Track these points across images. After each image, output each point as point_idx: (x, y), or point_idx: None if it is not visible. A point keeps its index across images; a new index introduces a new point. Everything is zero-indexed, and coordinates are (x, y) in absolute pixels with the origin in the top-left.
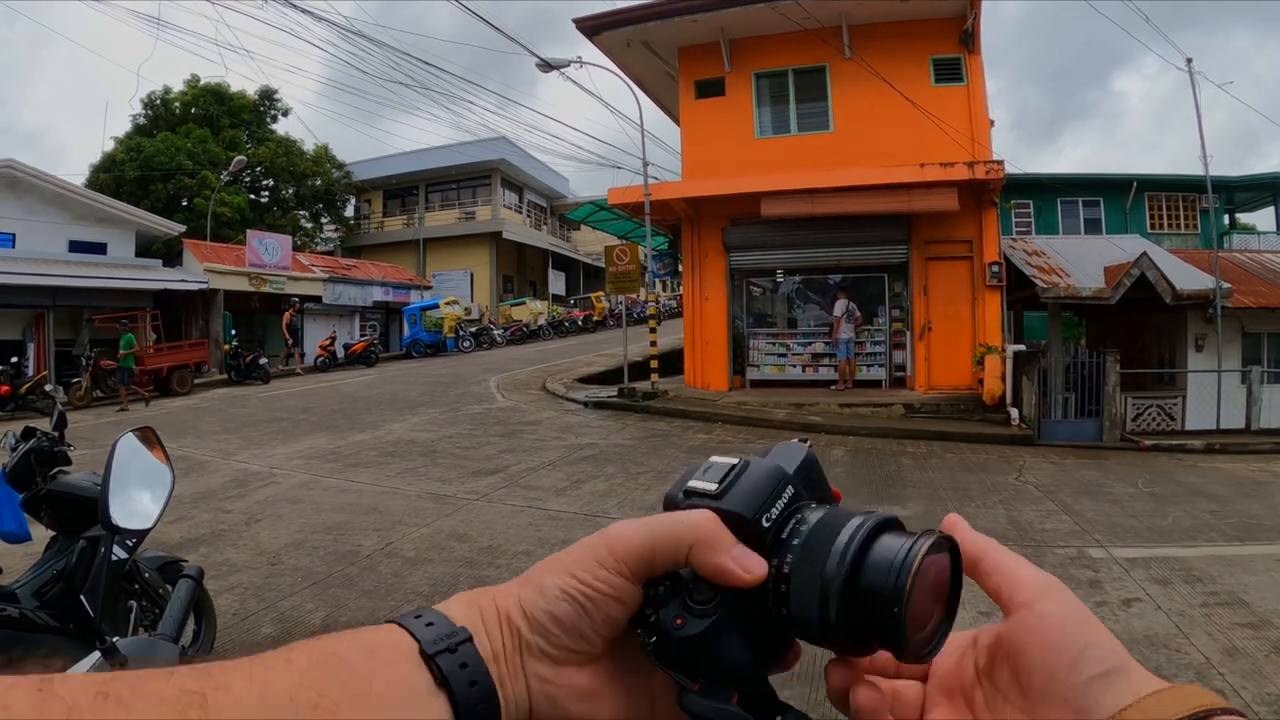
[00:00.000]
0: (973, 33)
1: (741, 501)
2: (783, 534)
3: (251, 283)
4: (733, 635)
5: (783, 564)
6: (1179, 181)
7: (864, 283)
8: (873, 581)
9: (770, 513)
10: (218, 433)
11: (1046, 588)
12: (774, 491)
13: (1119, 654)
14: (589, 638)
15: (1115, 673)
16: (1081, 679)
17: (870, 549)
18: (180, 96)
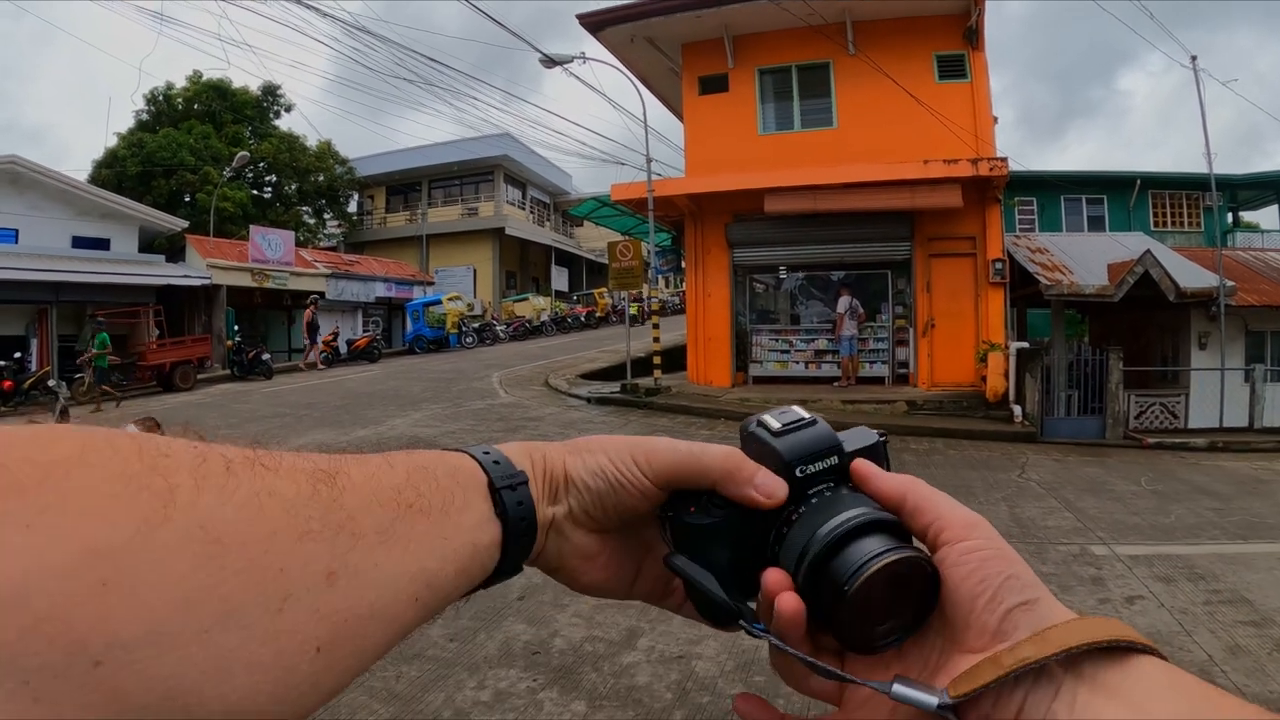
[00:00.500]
0: (977, 29)
1: (788, 447)
2: (809, 490)
3: (254, 278)
4: (730, 541)
5: (794, 513)
6: (1182, 179)
7: (867, 279)
8: (834, 570)
9: (808, 468)
10: (220, 428)
11: (972, 524)
12: (820, 454)
13: (1038, 588)
14: (608, 514)
15: (1034, 603)
16: (1001, 608)
17: (852, 540)
18: (183, 92)
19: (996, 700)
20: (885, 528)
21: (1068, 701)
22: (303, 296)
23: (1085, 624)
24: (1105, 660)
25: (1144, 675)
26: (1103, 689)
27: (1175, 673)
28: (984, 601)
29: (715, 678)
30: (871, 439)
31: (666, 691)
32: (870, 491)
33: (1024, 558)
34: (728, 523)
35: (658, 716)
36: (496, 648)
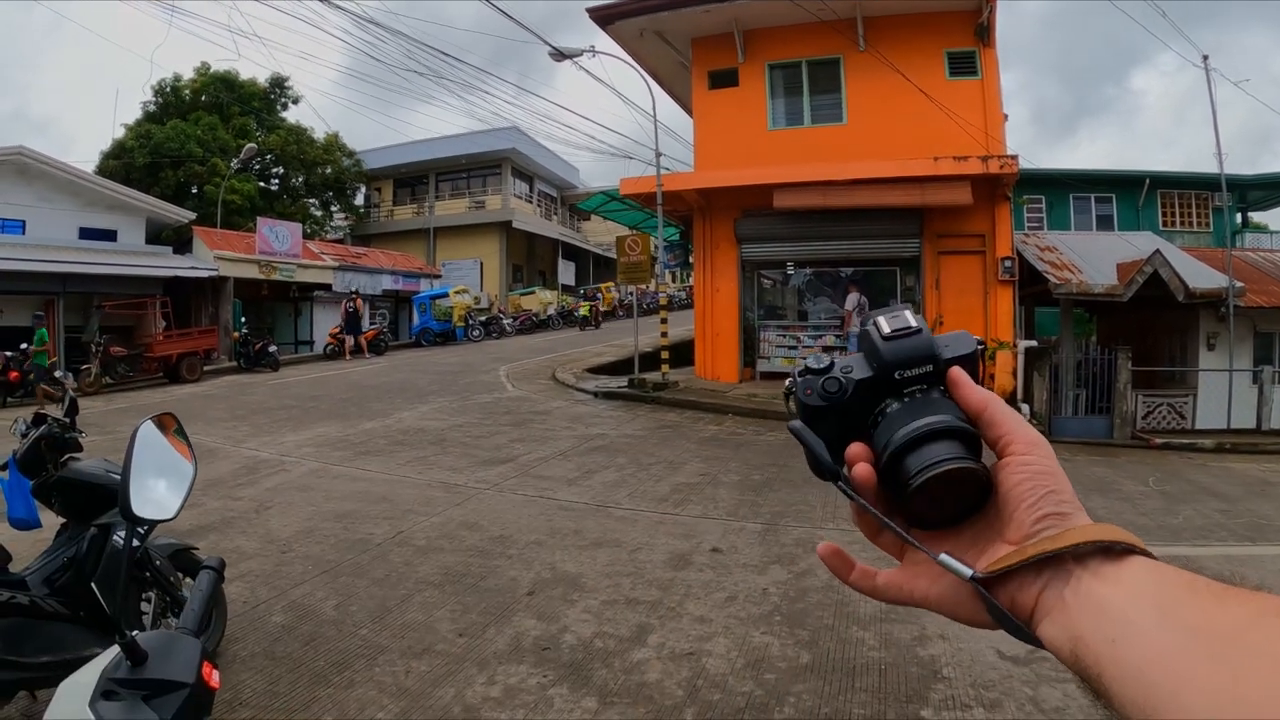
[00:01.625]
0: (988, 26)
1: (891, 352)
2: (904, 389)
3: (261, 270)
4: (836, 419)
5: (889, 406)
6: (1192, 179)
7: (875, 276)
8: (907, 464)
9: (905, 372)
10: (227, 420)
11: (1034, 443)
12: (917, 361)
13: (1074, 504)
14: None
15: (1066, 515)
16: (1039, 514)
17: (926, 442)
18: (190, 84)
19: (1021, 584)
20: (957, 435)
21: (1074, 587)
22: (309, 289)
23: (1093, 528)
24: (1106, 557)
25: (1134, 567)
26: (1100, 576)
27: (1155, 564)
28: (1026, 505)
29: (726, 675)
30: (969, 347)
31: (677, 689)
32: (956, 398)
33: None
34: (834, 407)
35: (668, 714)
36: (506, 643)
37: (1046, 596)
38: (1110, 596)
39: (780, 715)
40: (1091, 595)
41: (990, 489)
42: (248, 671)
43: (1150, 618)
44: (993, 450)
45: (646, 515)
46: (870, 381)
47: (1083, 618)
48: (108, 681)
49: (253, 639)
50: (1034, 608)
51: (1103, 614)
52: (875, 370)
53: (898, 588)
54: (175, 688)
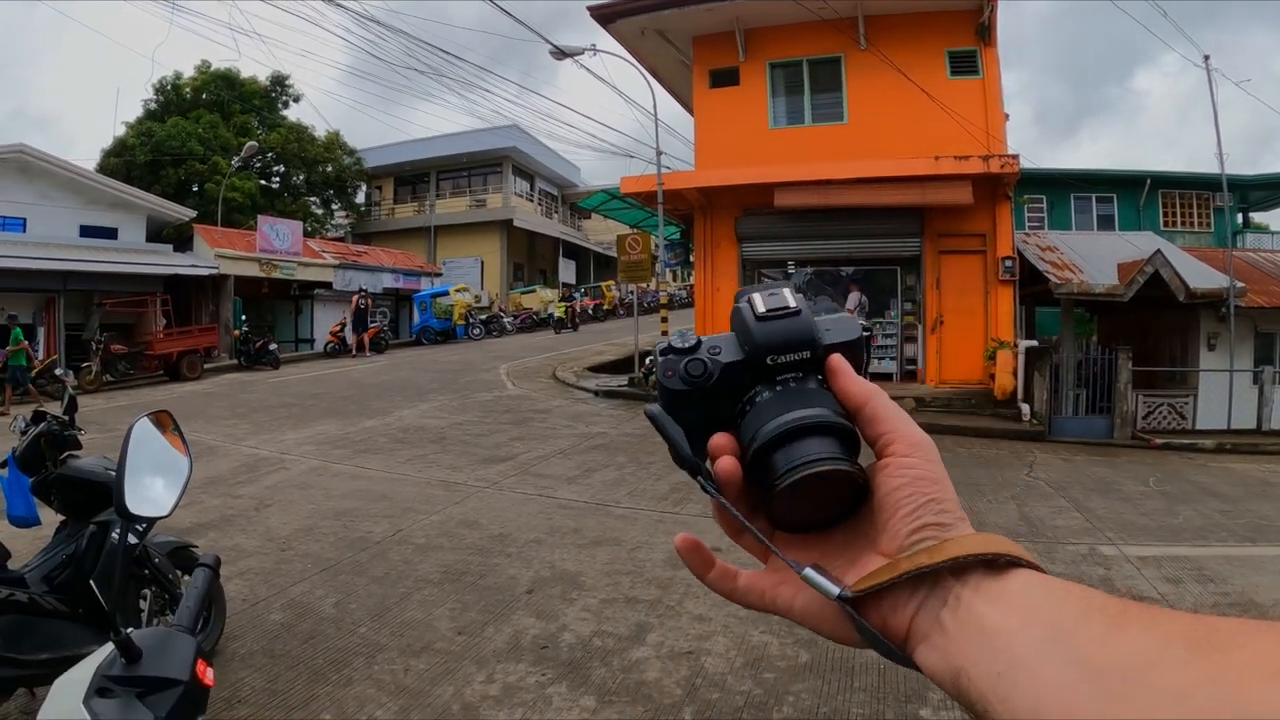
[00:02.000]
0: (989, 25)
1: (764, 335)
2: (777, 376)
3: (262, 268)
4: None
5: (758, 395)
6: (1193, 179)
7: (876, 275)
8: (774, 462)
9: (779, 357)
10: (227, 418)
11: (918, 445)
12: (794, 346)
13: (955, 515)
14: None
15: (946, 526)
16: (917, 523)
17: (796, 439)
18: (191, 82)
19: (894, 604)
20: (832, 431)
21: (953, 607)
22: (310, 287)
23: (975, 539)
24: (989, 572)
25: (1019, 583)
26: (982, 594)
27: (1044, 580)
28: (903, 513)
29: (725, 674)
30: (854, 333)
31: (676, 687)
32: (835, 389)
33: (1033, 557)
34: (698, 391)
35: (667, 712)
36: (505, 642)
37: (923, 618)
38: (996, 621)
39: (779, 715)
40: (974, 619)
41: (866, 493)
42: (247, 669)
43: (1041, 648)
44: (871, 449)
45: (646, 514)
46: (739, 366)
47: (965, 646)
48: (102, 679)
49: (252, 637)
50: (909, 630)
51: (987, 642)
52: (746, 353)
53: (759, 593)
54: (169, 685)
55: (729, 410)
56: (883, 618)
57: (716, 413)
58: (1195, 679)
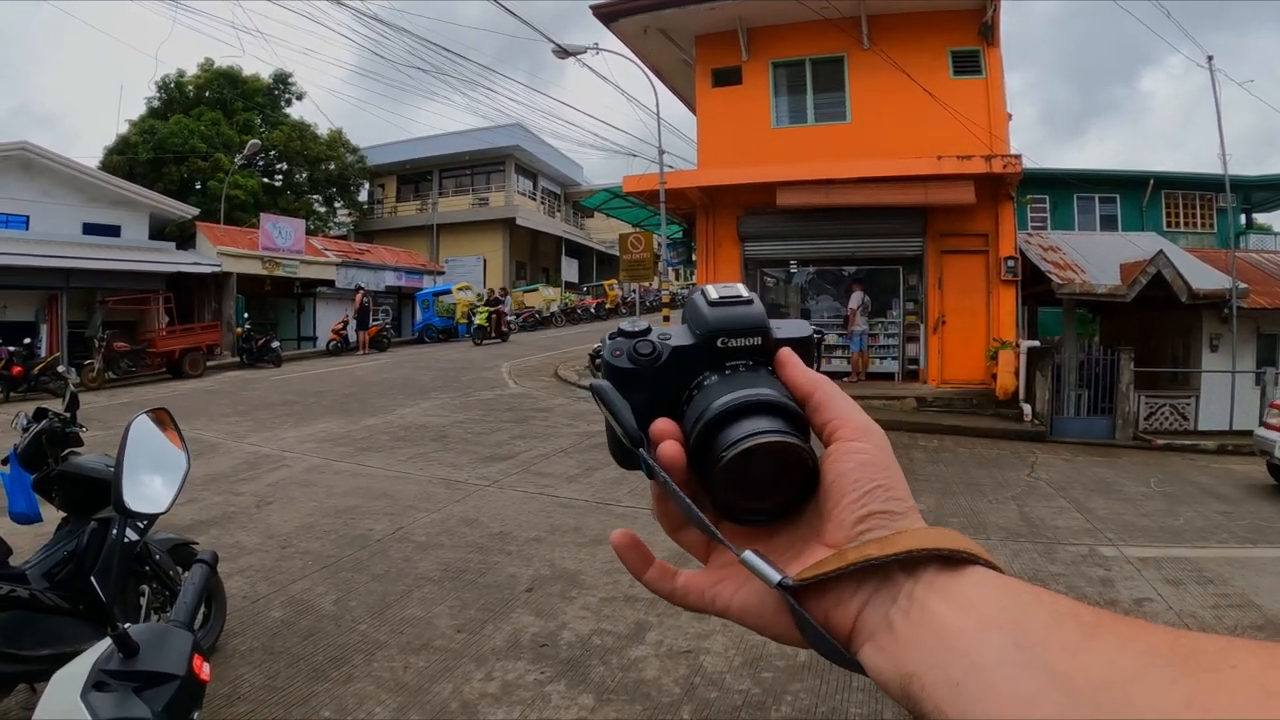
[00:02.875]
0: (992, 25)
1: (717, 318)
2: (726, 362)
3: (265, 266)
4: (647, 388)
5: (706, 379)
6: (1196, 180)
7: (879, 275)
8: (720, 438)
9: (730, 342)
10: (229, 415)
11: (865, 430)
12: (744, 331)
13: (905, 503)
14: None
15: (896, 515)
16: (863, 510)
17: (744, 415)
18: (194, 80)
19: (839, 597)
20: (781, 412)
21: (904, 606)
22: (312, 285)
23: (930, 533)
24: (944, 568)
25: (976, 581)
26: (937, 591)
27: (1005, 579)
28: (849, 500)
29: (723, 673)
30: (805, 331)
31: (674, 686)
32: (784, 378)
33: (1032, 558)
34: (645, 374)
35: (665, 711)
36: (504, 640)
37: (869, 615)
38: (952, 622)
39: (777, 714)
40: (928, 618)
41: (815, 478)
42: (247, 666)
43: (1004, 654)
44: (819, 437)
45: (647, 513)
46: (689, 350)
47: (917, 649)
48: (99, 673)
49: (252, 633)
50: (853, 627)
51: (943, 645)
52: (697, 337)
53: (699, 592)
54: (166, 680)
55: (674, 397)
56: (825, 612)
57: (661, 400)
58: (1180, 700)
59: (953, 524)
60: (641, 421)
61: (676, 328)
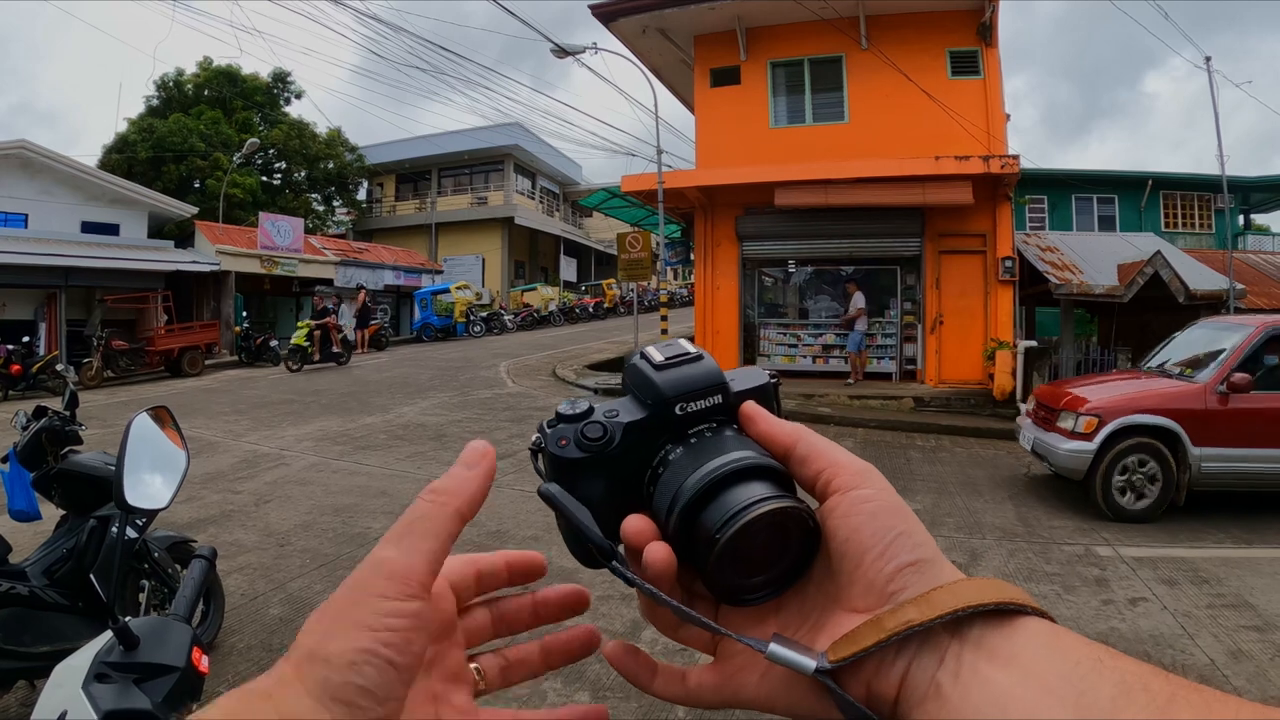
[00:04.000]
0: (991, 26)
1: (669, 382)
2: (689, 429)
3: (263, 265)
4: (603, 477)
5: (670, 453)
6: (1194, 180)
7: (876, 275)
8: (707, 517)
9: (689, 406)
10: (228, 414)
11: (864, 474)
12: (702, 391)
13: (930, 547)
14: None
15: (926, 563)
16: (890, 566)
17: (728, 486)
18: (193, 78)
19: (879, 666)
20: (766, 474)
21: (952, 669)
22: (311, 284)
23: (971, 585)
24: (991, 623)
25: (1029, 637)
26: (987, 652)
27: (1061, 634)
28: (872, 558)
29: None
30: (761, 379)
31: None
32: (756, 435)
33: (1028, 558)
34: (598, 459)
35: (660, 709)
36: None
37: (914, 682)
38: (1008, 690)
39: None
40: (980, 684)
41: (818, 539)
42: (245, 663)
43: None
44: (810, 494)
45: None
46: (643, 424)
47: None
48: (100, 665)
49: (250, 631)
50: (898, 696)
51: (1000, 716)
52: (648, 409)
53: (715, 689)
54: (166, 671)
55: (636, 482)
56: (865, 686)
57: (621, 487)
58: None
59: (949, 523)
60: (604, 517)
61: (620, 402)
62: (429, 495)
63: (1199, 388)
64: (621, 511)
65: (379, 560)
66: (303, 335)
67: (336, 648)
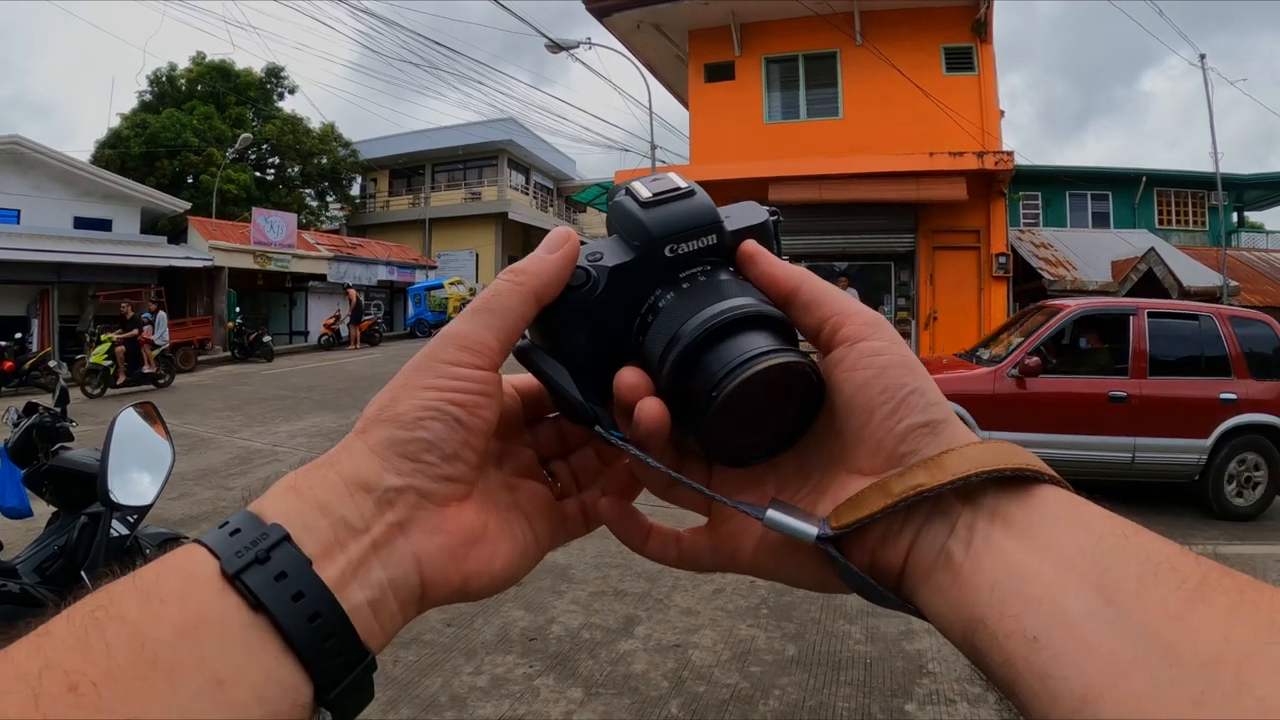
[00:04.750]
0: (985, 22)
1: (657, 221)
2: (680, 273)
3: (256, 260)
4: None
5: (660, 299)
6: (1188, 178)
7: (870, 271)
8: (702, 370)
9: (680, 247)
10: (221, 410)
11: (874, 325)
12: (696, 230)
13: (944, 407)
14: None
15: (939, 424)
16: (901, 425)
17: (727, 336)
18: (186, 74)
19: (885, 534)
20: (766, 324)
21: (964, 537)
22: (304, 279)
23: (986, 449)
24: (1007, 490)
25: (1047, 506)
26: (1001, 521)
27: (1080, 504)
28: (881, 416)
29: (711, 667)
30: (760, 216)
31: (663, 680)
32: (755, 277)
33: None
34: (582, 310)
35: (654, 705)
36: (494, 633)
37: (922, 550)
38: (1025, 564)
39: (765, 708)
40: (994, 556)
41: (822, 395)
42: None
43: (1092, 609)
44: (813, 343)
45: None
46: (631, 267)
47: (984, 593)
48: None
49: None
50: (904, 565)
51: (1016, 592)
52: (637, 250)
53: (710, 553)
54: None
55: (624, 330)
56: (870, 553)
57: (609, 338)
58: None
59: None
60: (591, 372)
61: (604, 242)
62: (508, 275)
63: (989, 372)
64: (611, 365)
65: (450, 333)
66: (103, 353)
67: (403, 406)
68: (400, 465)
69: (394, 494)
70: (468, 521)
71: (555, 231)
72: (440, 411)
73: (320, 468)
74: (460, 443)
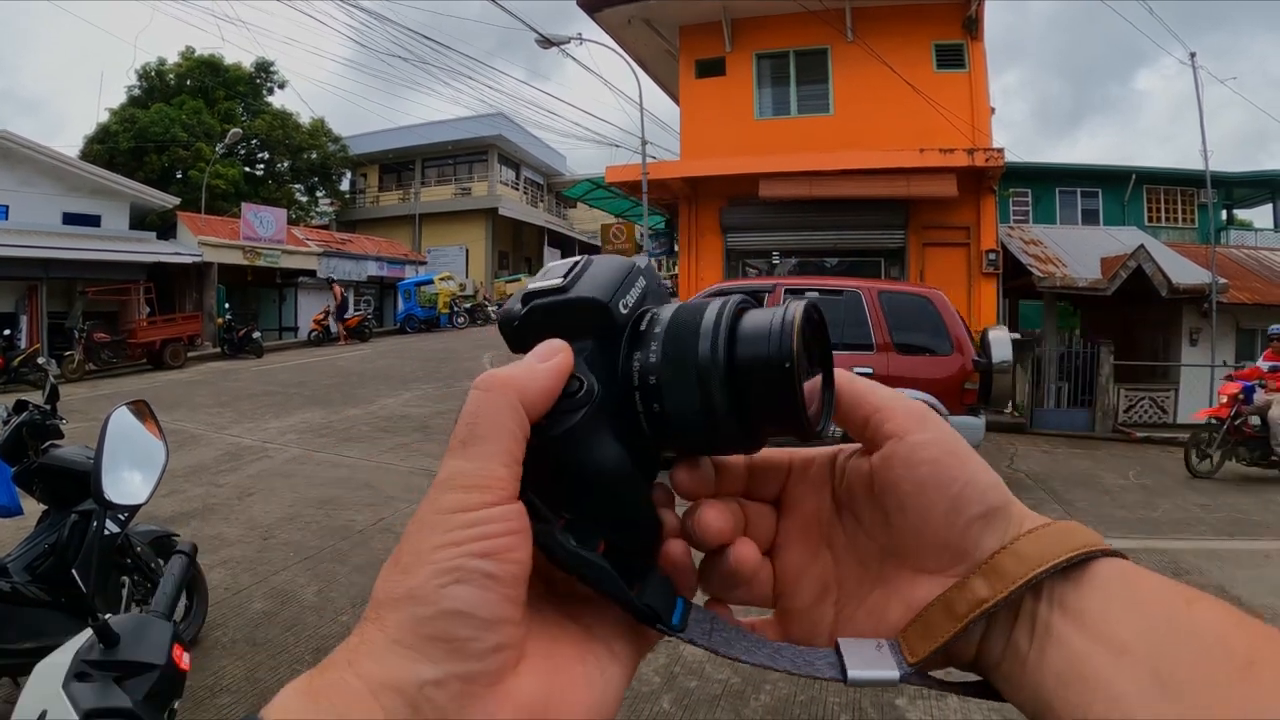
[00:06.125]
0: (976, 19)
1: (592, 286)
2: (640, 326)
3: (246, 256)
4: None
5: (648, 355)
6: (1178, 175)
7: (860, 267)
8: (755, 352)
9: (626, 299)
10: (210, 406)
11: (920, 417)
12: (626, 280)
13: (1001, 492)
14: (509, 613)
15: (996, 513)
16: (961, 520)
17: (739, 324)
18: (175, 68)
19: None
20: (745, 305)
21: (1027, 628)
22: (294, 275)
23: (1041, 541)
24: (1065, 576)
25: (1101, 590)
26: (1059, 608)
27: (1134, 578)
28: (938, 515)
29: (703, 662)
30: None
31: (654, 675)
32: None
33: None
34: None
35: (646, 700)
36: None
37: (990, 642)
38: (1083, 651)
39: (756, 702)
40: (1055, 646)
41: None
42: (229, 658)
43: (1145, 693)
44: (858, 439)
45: None
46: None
47: (1051, 680)
48: (80, 663)
49: (234, 625)
50: (976, 656)
51: (1078, 681)
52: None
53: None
54: (146, 669)
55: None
56: (943, 656)
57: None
58: None
59: None
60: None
61: None
62: (481, 386)
63: None
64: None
65: (446, 477)
66: None
67: (418, 579)
68: (432, 651)
69: (432, 688)
70: (530, 692)
71: (548, 342)
72: (464, 571)
73: (335, 668)
74: (498, 601)
